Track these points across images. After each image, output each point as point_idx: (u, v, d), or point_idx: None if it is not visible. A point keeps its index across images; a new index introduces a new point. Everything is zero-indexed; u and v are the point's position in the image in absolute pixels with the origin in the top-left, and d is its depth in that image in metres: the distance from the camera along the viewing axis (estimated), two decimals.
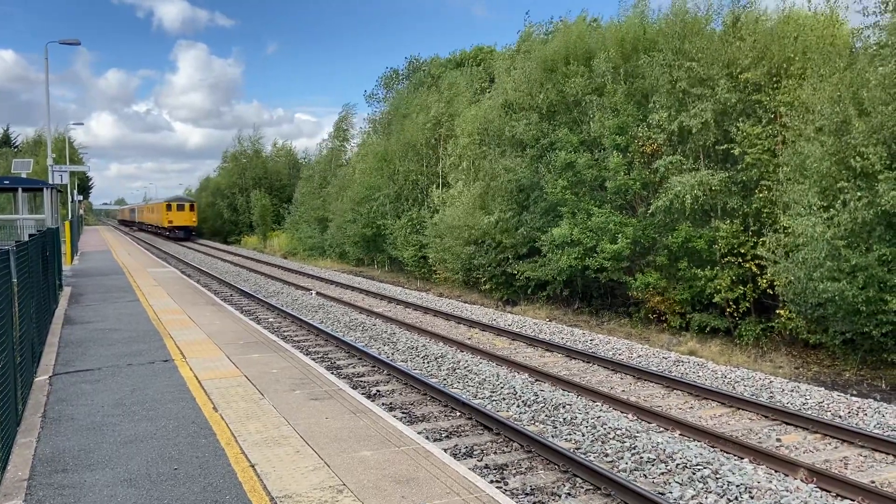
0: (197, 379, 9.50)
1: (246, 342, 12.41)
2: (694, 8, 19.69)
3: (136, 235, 79.14)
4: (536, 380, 11.93)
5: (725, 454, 8.29)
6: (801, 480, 7.41)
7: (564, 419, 9.65)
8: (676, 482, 7.45)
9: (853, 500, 6.98)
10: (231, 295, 23.99)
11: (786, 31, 17.22)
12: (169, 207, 66.86)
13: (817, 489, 7.23)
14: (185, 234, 66.26)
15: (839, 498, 7.06)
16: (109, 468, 6.19)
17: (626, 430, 9.10)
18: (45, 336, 12.24)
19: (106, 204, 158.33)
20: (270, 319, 18.66)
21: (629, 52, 20.86)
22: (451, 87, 32.83)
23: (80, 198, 70.99)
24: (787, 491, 7.14)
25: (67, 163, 48.54)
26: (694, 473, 7.63)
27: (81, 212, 74.83)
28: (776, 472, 7.70)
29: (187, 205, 68.19)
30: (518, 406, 10.40)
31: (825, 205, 13.55)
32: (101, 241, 51.16)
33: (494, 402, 10.63)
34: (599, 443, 8.71)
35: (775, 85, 16.75)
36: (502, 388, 11.37)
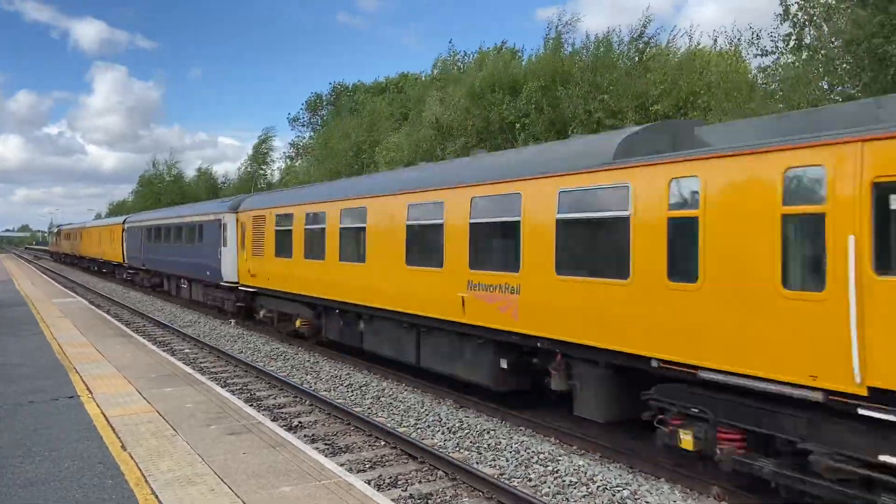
0: (104, 416, 9.02)
1: (159, 375, 11.91)
2: (607, 42, 20.61)
3: (42, 263, 74.03)
4: (461, 406, 11.91)
5: (643, 475, 8.47)
6: (715, 499, 7.65)
7: (489, 445, 9.66)
8: None
9: None
10: (144, 325, 23.02)
11: (692, 67, 18.19)
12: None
13: None
14: None
15: None
16: None
17: (549, 453, 9.18)
18: None
19: (9, 231, 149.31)
20: (186, 351, 17.98)
21: (549, 84, 21.53)
22: (371, 113, 32.92)
23: None
24: None
25: None
26: (614, 495, 7.75)
27: None
28: (691, 491, 7.92)
29: None
30: (443, 433, 10.35)
31: None
32: (1, 270, 48.25)
33: (419, 430, 10.54)
34: (523, 467, 8.75)
35: (683, 117, 17.61)
36: (427, 415, 11.30)
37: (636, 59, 19.54)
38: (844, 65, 14.15)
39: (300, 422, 11.01)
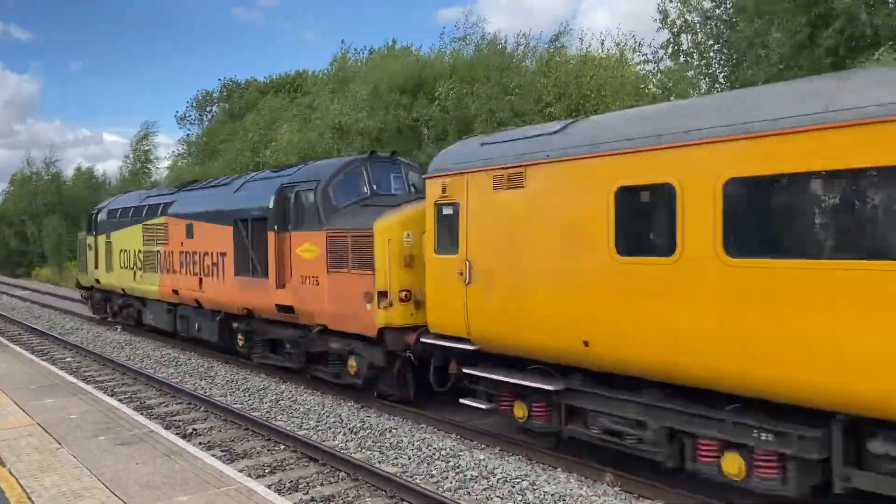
0: None
1: (40, 386, 11.21)
2: (512, 45, 21.16)
3: None
4: (363, 406, 11.89)
5: (542, 466, 8.77)
6: (608, 485, 8.03)
7: (391, 444, 9.70)
8: (497, 496, 7.76)
9: (652, 500, 7.67)
10: (20, 334, 21.52)
11: (583, 71, 18.93)
12: None
13: (622, 492, 7.87)
14: None
15: (640, 498, 7.73)
16: None
17: (451, 449, 9.34)
18: None
19: None
20: (68, 359, 16.97)
21: (456, 83, 21.68)
22: (271, 111, 32.13)
23: None
24: (597, 496, 7.71)
25: None
26: (514, 486, 7.99)
27: None
28: (586, 478, 8.28)
29: None
30: (344, 434, 10.30)
31: None
32: None
33: (320, 432, 10.45)
34: (425, 464, 8.86)
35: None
36: (328, 416, 11.21)
37: (529, 62, 20.15)
38: (721, 64, 15.27)
39: (195, 429, 10.65)
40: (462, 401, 9.40)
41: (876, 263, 5.61)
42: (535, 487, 7.92)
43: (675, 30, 16.54)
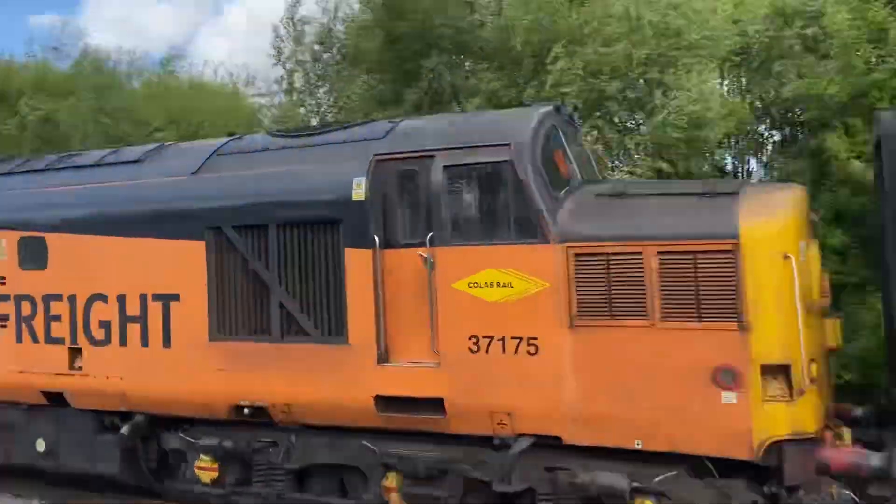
0: None
1: None
2: (115, 63, 19.41)
3: None
4: None
5: None
6: None
7: None
8: None
9: None
10: None
11: (198, 97, 18.21)
12: None
13: None
14: None
15: None
16: None
17: None
18: None
19: None
20: None
21: (45, 98, 18.74)
22: None
23: None
24: None
25: None
26: None
27: None
28: None
29: None
30: None
31: None
32: None
33: None
34: None
35: None
36: None
37: (136, 83, 18.68)
38: (329, 105, 15.93)
39: None
40: None
41: None
42: None
43: (289, 67, 16.93)
